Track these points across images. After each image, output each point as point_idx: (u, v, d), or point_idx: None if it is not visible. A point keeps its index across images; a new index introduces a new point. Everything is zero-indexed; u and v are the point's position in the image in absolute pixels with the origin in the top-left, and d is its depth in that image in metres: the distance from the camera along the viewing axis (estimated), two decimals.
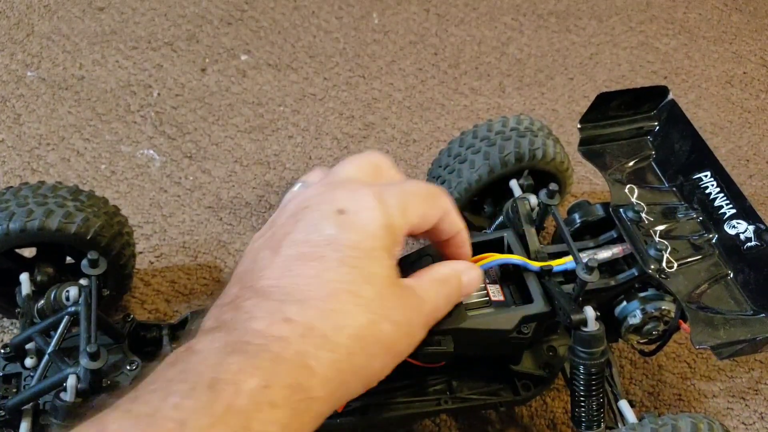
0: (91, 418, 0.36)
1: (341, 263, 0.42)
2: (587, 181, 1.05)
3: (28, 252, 0.76)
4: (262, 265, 0.43)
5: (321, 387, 0.40)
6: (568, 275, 0.67)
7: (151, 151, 1.03)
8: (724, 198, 0.74)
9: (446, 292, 0.51)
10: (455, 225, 0.53)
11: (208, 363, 0.37)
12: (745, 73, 1.27)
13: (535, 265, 0.65)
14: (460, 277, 0.52)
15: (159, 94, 1.12)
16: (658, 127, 0.82)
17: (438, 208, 0.51)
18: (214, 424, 0.35)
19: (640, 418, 0.63)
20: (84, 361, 0.56)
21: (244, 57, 1.19)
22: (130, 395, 0.37)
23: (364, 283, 0.43)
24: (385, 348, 0.45)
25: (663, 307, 0.67)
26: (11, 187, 0.73)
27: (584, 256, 0.67)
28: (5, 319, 0.82)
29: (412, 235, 0.51)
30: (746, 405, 0.83)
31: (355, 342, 0.42)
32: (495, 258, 0.66)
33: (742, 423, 0.81)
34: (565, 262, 0.66)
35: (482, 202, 0.88)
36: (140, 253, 0.90)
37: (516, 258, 0.66)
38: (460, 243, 0.54)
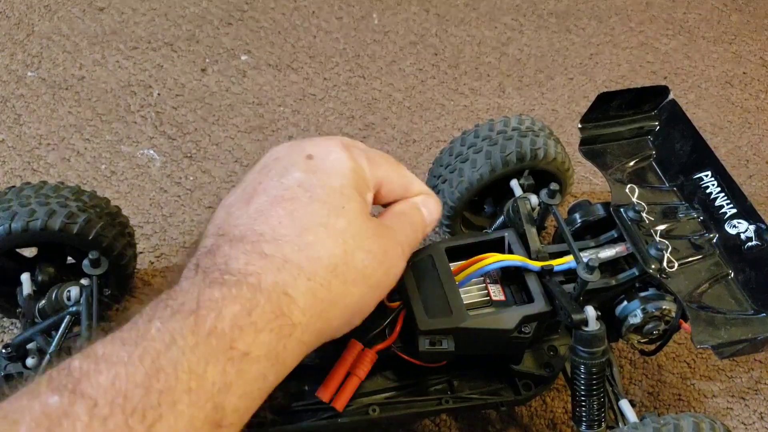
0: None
1: (312, 200, 0.44)
2: (587, 181, 1.06)
3: (29, 252, 0.76)
4: (236, 215, 0.44)
5: (301, 313, 0.41)
6: (569, 275, 0.67)
7: (152, 151, 1.03)
8: (725, 197, 0.75)
9: (411, 221, 0.53)
10: (420, 191, 0.56)
11: (189, 295, 0.39)
12: (744, 73, 1.27)
13: (536, 264, 0.66)
14: (419, 208, 0.55)
15: (159, 95, 1.12)
16: (658, 127, 0.82)
17: (403, 177, 0.54)
18: (198, 343, 0.36)
19: (641, 418, 0.63)
20: None
21: (244, 57, 1.19)
22: (119, 327, 0.38)
23: (336, 216, 0.45)
24: (363, 276, 0.46)
25: (664, 307, 0.67)
26: (13, 186, 0.73)
27: (585, 256, 0.67)
28: (6, 319, 0.82)
29: (378, 203, 0.54)
30: (746, 405, 0.83)
31: (331, 271, 0.43)
32: (495, 260, 0.66)
33: (742, 423, 0.81)
34: (566, 262, 0.66)
35: (483, 202, 0.88)
36: (140, 253, 0.90)
37: (516, 259, 0.66)
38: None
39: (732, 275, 0.71)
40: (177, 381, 0.35)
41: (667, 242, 0.68)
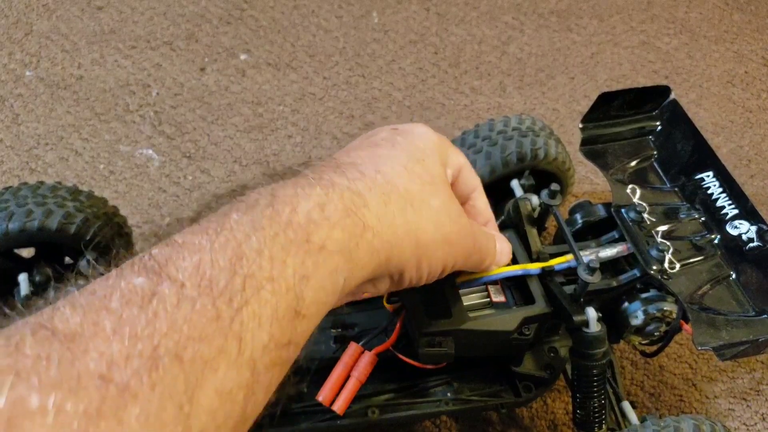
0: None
1: (394, 147, 0.47)
2: (588, 181, 1.05)
3: (27, 252, 0.75)
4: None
5: (373, 217, 0.42)
6: (570, 275, 0.67)
7: (150, 151, 1.03)
8: (727, 198, 0.74)
9: (485, 238, 0.56)
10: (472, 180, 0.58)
11: (263, 192, 0.39)
12: (746, 72, 1.27)
13: (536, 267, 0.65)
14: (495, 243, 0.58)
15: (158, 94, 1.11)
16: (659, 127, 0.81)
17: (476, 178, 0.57)
18: (277, 234, 0.37)
19: (642, 420, 0.63)
20: None
21: (243, 56, 1.19)
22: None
23: (415, 162, 0.47)
24: (436, 220, 0.47)
25: (665, 308, 0.67)
26: (10, 187, 0.73)
27: (586, 256, 0.66)
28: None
29: None
30: (748, 406, 0.83)
31: (405, 198, 0.44)
32: (497, 272, 0.65)
33: (744, 424, 0.81)
34: (566, 261, 0.66)
35: None
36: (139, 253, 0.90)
37: (517, 269, 0.65)
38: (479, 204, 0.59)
39: (733, 276, 0.70)
40: (260, 268, 0.35)
41: (668, 243, 0.67)
